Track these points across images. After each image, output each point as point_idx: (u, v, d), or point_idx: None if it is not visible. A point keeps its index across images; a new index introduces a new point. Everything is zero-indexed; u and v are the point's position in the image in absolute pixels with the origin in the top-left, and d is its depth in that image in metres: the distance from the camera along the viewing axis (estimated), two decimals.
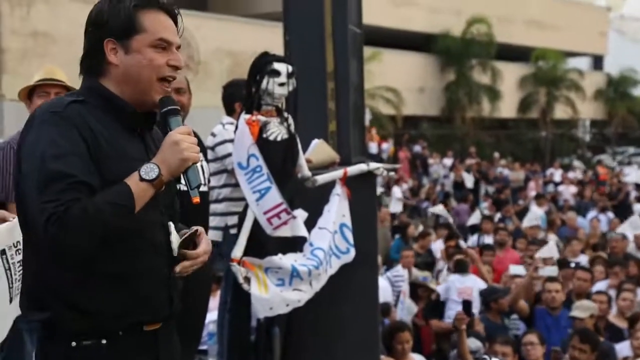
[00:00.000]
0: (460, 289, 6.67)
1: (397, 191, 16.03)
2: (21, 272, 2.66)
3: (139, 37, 2.05)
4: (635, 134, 36.67)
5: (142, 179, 1.94)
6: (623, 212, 14.86)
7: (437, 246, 10.26)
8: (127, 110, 2.08)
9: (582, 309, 5.99)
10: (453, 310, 6.56)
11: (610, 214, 14.27)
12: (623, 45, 43.38)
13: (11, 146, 3.46)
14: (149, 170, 1.94)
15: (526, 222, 11.67)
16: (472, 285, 6.94)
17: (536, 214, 14.59)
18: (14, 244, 2.69)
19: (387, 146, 21.08)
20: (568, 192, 19.05)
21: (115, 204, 1.90)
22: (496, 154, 24.76)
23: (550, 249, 7.14)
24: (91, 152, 1.96)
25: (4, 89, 14.26)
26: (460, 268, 7.17)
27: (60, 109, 1.98)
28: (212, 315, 4.95)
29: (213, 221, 4.38)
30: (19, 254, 2.65)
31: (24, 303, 2.08)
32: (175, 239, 2.12)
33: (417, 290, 7.52)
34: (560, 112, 31.65)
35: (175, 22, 2.15)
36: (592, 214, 14.11)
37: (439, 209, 11.31)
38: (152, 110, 2.12)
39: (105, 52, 2.05)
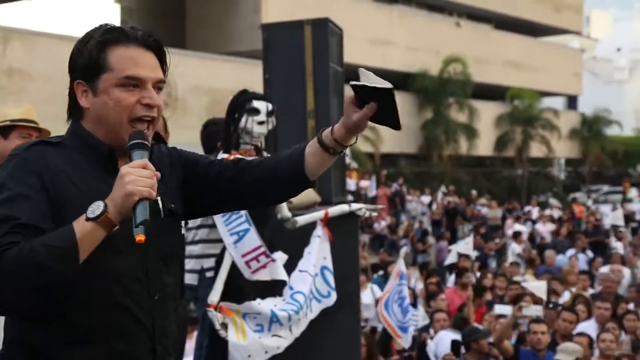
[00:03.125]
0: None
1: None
2: None
3: (105, 77, 1.91)
4: (609, 172, 37.03)
5: (87, 218, 1.77)
6: (601, 250, 14.84)
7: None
8: (102, 151, 1.95)
9: (567, 353, 5.84)
10: None
11: (589, 253, 14.22)
12: (596, 86, 44.10)
13: None
14: (95, 208, 1.78)
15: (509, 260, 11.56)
16: None
17: (515, 251, 14.57)
18: None
19: (367, 183, 21.03)
20: (545, 229, 19.04)
21: (50, 246, 1.73)
22: (473, 192, 24.80)
23: (540, 288, 7.04)
24: (50, 194, 1.83)
25: None
26: (458, 325, 6.97)
27: (19, 152, 1.90)
28: None
29: (188, 264, 4.20)
30: None
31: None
32: None
33: None
34: (536, 150, 31.92)
35: (159, 55, 1.98)
36: (570, 252, 14.05)
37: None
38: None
39: (76, 94, 1.95)
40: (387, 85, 1.93)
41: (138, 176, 1.80)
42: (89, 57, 1.91)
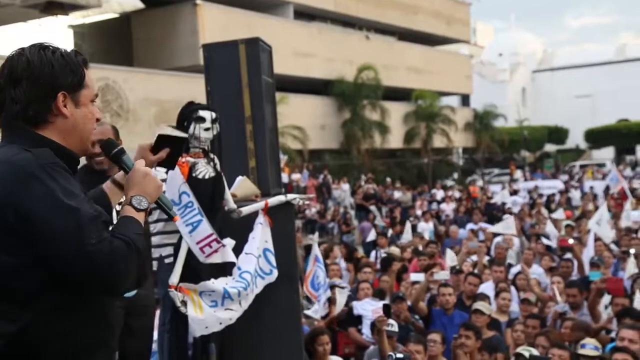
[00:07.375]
0: (374, 309, 6.56)
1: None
2: None
3: (85, 92, 1.94)
4: (498, 158, 38.13)
5: (138, 210, 1.86)
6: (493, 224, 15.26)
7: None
8: (74, 159, 1.96)
9: (485, 308, 6.14)
10: (368, 327, 6.50)
11: (484, 225, 14.59)
12: (484, 85, 45.27)
13: None
14: (140, 201, 1.87)
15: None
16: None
17: (424, 228, 14.88)
18: None
19: (298, 176, 21.09)
20: (449, 208, 19.44)
21: (140, 235, 1.83)
22: (388, 179, 25.17)
23: (452, 258, 7.28)
24: None
25: None
26: (379, 295, 7.13)
27: (55, 160, 1.82)
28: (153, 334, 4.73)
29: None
30: None
31: None
32: None
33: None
34: (438, 142, 32.59)
35: None
36: (469, 226, 14.41)
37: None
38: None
39: (57, 104, 1.87)
40: (183, 135, 2.20)
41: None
42: (78, 72, 1.91)
